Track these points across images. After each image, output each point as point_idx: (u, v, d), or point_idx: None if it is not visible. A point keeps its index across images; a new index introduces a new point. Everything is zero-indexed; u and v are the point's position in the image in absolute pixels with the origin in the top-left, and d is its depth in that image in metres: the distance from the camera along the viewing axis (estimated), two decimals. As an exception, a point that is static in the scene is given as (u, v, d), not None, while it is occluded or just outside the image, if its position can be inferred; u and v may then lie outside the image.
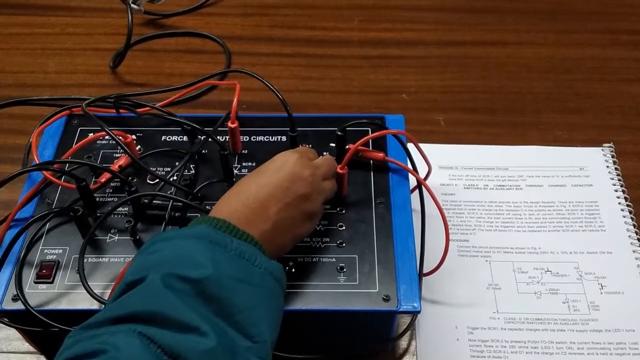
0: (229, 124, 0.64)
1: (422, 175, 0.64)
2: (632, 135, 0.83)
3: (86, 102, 0.64)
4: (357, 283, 0.55)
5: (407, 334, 0.63)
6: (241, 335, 0.42)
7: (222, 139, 0.65)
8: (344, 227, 0.59)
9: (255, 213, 0.50)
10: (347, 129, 0.63)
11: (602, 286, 0.67)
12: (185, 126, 0.64)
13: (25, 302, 0.53)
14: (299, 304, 0.54)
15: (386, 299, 0.54)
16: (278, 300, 0.48)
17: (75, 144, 0.65)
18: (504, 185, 0.77)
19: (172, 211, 0.59)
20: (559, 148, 0.81)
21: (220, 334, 0.41)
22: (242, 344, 0.42)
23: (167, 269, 0.43)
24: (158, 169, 0.64)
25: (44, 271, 0.56)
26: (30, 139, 0.65)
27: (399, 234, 0.59)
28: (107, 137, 0.65)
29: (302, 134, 0.66)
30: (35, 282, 0.55)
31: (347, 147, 0.63)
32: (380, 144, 0.66)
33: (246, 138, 0.67)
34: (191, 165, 0.64)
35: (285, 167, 0.53)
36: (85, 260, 0.55)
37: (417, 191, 0.63)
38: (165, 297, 0.41)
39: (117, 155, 0.65)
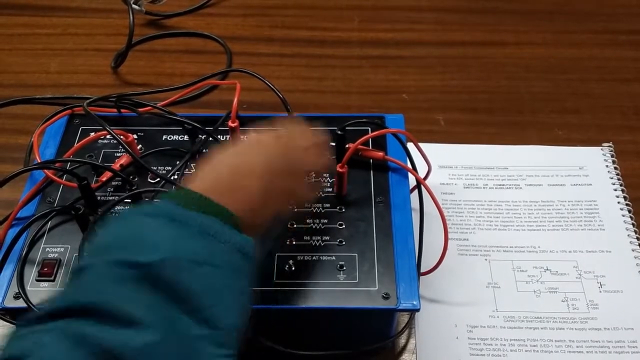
0: (230, 124, 0.64)
1: (421, 174, 0.65)
2: (631, 135, 0.83)
3: (87, 101, 0.64)
4: (356, 281, 0.55)
5: (406, 332, 0.63)
6: (196, 322, 0.38)
7: (222, 138, 0.65)
8: (343, 226, 0.60)
9: (233, 185, 0.46)
10: (347, 128, 0.63)
11: (601, 285, 0.68)
12: (186, 125, 0.65)
13: (26, 300, 0.53)
14: (299, 302, 0.54)
15: (386, 297, 0.54)
16: (245, 279, 0.43)
17: (77, 143, 0.66)
18: (503, 185, 0.77)
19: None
20: (558, 147, 0.81)
21: (167, 324, 0.37)
22: (196, 332, 0.38)
23: (114, 253, 0.39)
24: (159, 168, 0.64)
25: (46, 269, 0.56)
26: (32, 139, 0.65)
27: (398, 233, 0.59)
28: (108, 137, 0.65)
29: (302, 134, 0.66)
30: (37, 280, 0.56)
31: (347, 146, 0.63)
32: (380, 143, 0.66)
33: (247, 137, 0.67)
34: (192, 164, 0.64)
35: (270, 141, 0.51)
36: (86, 259, 0.55)
37: (416, 190, 0.63)
38: (106, 286, 0.37)
39: (118, 154, 0.65)
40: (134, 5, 0.93)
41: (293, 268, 0.56)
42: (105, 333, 0.35)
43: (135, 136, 0.65)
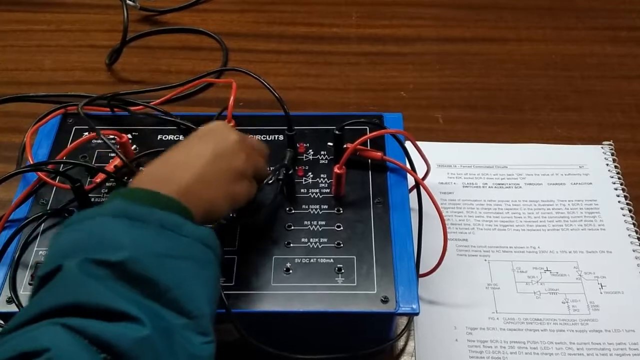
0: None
1: (420, 174, 0.64)
2: (631, 133, 0.82)
3: (81, 103, 0.63)
4: (355, 284, 0.55)
5: (405, 334, 0.62)
6: (176, 314, 0.40)
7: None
8: (341, 228, 0.59)
9: (177, 169, 0.48)
10: (345, 127, 0.62)
11: (601, 286, 0.67)
12: (180, 126, 0.64)
13: (19, 305, 0.53)
14: (297, 306, 0.53)
15: (384, 301, 0.54)
16: (212, 268, 0.44)
17: (70, 143, 0.65)
18: (503, 184, 0.77)
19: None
20: (558, 146, 0.80)
21: (152, 317, 0.38)
22: (178, 322, 0.39)
23: (83, 254, 0.39)
24: (144, 167, 0.63)
25: (39, 273, 0.55)
26: (25, 139, 0.64)
27: (397, 235, 0.58)
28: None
29: (299, 133, 0.65)
30: (30, 284, 0.55)
31: (344, 146, 0.62)
32: (378, 142, 0.65)
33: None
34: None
35: (211, 129, 0.53)
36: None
37: (415, 190, 0.63)
38: (86, 285, 0.38)
39: (112, 155, 0.64)
40: (128, 1, 0.92)
41: (290, 271, 0.56)
42: (96, 327, 0.36)
43: (129, 136, 0.64)
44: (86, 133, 0.65)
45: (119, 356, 0.35)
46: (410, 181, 0.63)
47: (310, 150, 0.65)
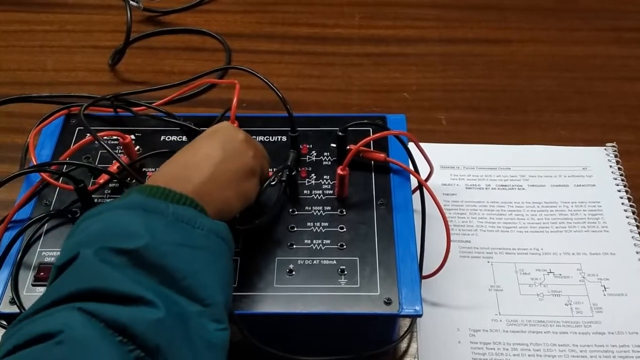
0: (229, 124, 0.63)
1: (423, 175, 0.64)
2: (635, 135, 0.82)
3: (84, 106, 0.63)
4: (358, 286, 0.55)
5: (408, 336, 0.62)
6: (190, 301, 0.41)
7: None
8: (344, 229, 0.59)
9: (189, 169, 0.49)
10: (348, 128, 0.62)
11: (605, 288, 0.67)
12: (184, 127, 0.64)
13: (20, 306, 0.53)
14: (300, 307, 0.53)
15: (387, 302, 0.53)
16: (226, 259, 0.46)
17: (74, 143, 0.64)
18: (506, 185, 0.76)
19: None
20: (561, 147, 0.80)
21: (167, 302, 0.39)
22: (193, 309, 0.40)
23: (100, 243, 0.40)
24: (156, 170, 0.63)
25: (42, 274, 0.55)
26: (28, 139, 0.64)
27: (400, 236, 0.58)
28: (105, 138, 0.64)
29: (302, 134, 0.65)
30: (34, 285, 0.55)
31: (348, 147, 0.62)
32: (381, 144, 0.65)
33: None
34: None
35: (218, 129, 0.54)
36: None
37: (418, 191, 0.62)
38: (101, 271, 0.39)
39: (115, 155, 0.64)
40: (131, 2, 0.92)
41: (293, 272, 0.56)
42: (111, 311, 0.37)
43: (133, 137, 0.64)
44: (89, 134, 0.65)
45: (134, 338, 0.36)
46: (413, 182, 0.63)
47: (313, 152, 0.65)
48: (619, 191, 0.75)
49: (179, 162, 0.50)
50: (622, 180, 0.76)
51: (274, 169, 0.59)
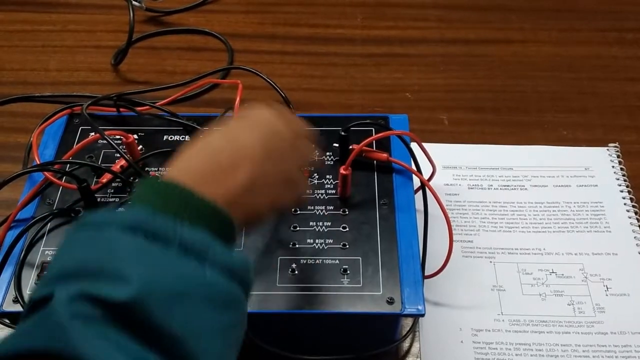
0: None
1: (426, 175, 0.64)
2: (637, 135, 0.82)
3: (86, 104, 0.63)
4: (360, 285, 0.55)
5: (410, 335, 0.62)
6: None
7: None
8: (347, 229, 0.59)
9: (223, 169, 0.41)
10: (351, 128, 0.62)
11: (607, 288, 0.67)
12: (187, 127, 0.64)
13: (24, 305, 0.53)
14: (303, 307, 0.53)
15: (390, 302, 0.53)
16: (234, 312, 0.37)
17: (77, 143, 0.65)
18: (508, 186, 0.76)
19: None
20: (563, 148, 0.80)
21: None
22: None
23: (80, 283, 0.33)
24: (160, 169, 0.63)
25: (45, 273, 0.55)
26: (31, 139, 0.64)
27: (403, 236, 0.58)
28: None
29: (305, 134, 0.65)
30: (37, 284, 0.55)
31: (350, 147, 0.62)
32: (384, 144, 0.65)
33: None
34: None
35: (260, 118, 0.45)
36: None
37: (420, 191, 0.63)
38: (71, 330, 0.31)
39: (118, 155, 0.64)
40: (134, 2, 0.92)
41: (296, 272, 0.56)
42: None
43: (135, 136, 0.65)
44: (92, 133, 0.65)
45: None
46: (416, 182, 0.63)
47: (316, 152, 0.65)
48: (622, 191, 0.75)
49: (212, 155, 0.42)
50: (625, 180, 0.76)
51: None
